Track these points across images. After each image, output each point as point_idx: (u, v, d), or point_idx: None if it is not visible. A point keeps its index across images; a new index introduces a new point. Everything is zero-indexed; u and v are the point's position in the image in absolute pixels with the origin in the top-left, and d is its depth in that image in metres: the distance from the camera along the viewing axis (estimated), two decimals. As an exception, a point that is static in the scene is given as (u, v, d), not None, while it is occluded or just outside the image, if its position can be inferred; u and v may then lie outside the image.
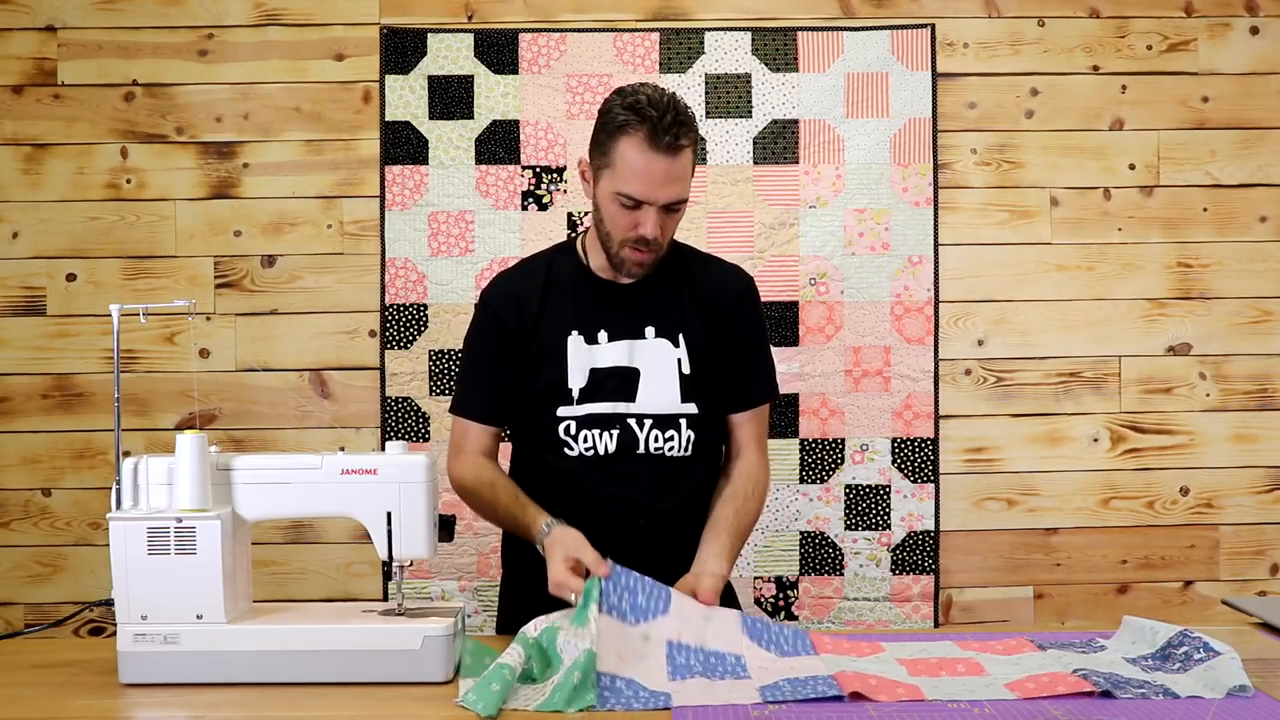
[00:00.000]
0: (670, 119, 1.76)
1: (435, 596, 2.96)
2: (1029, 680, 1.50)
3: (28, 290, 2.98)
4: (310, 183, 2.99)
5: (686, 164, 1.80)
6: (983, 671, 1.56)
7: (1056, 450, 3.04)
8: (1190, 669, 1.53)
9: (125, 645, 1.53)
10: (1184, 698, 1.44)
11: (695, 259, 2.01)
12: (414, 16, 2.99)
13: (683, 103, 1.81)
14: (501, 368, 1.93)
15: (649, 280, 1.93)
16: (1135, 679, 1.50)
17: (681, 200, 1.82)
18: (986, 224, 3.03)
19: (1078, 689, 1.46)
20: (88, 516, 2.98)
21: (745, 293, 1.98)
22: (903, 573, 2.99)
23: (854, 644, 1.68)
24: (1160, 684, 1.48)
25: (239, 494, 1.59)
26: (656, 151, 1.76)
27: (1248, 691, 1.45)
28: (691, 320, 1.93)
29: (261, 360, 2.99)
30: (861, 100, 2.99)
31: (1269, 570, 3.05)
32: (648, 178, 1.77)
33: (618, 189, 1.80)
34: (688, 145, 1.79)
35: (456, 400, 1.98)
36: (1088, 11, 3.04)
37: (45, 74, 2.97)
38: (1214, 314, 3.05)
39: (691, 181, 1.85)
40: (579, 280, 1.94)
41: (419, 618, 1.57)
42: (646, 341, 1.90)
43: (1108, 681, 1.47)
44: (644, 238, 1.81)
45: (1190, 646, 1.57)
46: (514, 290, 1.95)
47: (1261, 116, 3.05)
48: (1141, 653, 1.62)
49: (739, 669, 1.58)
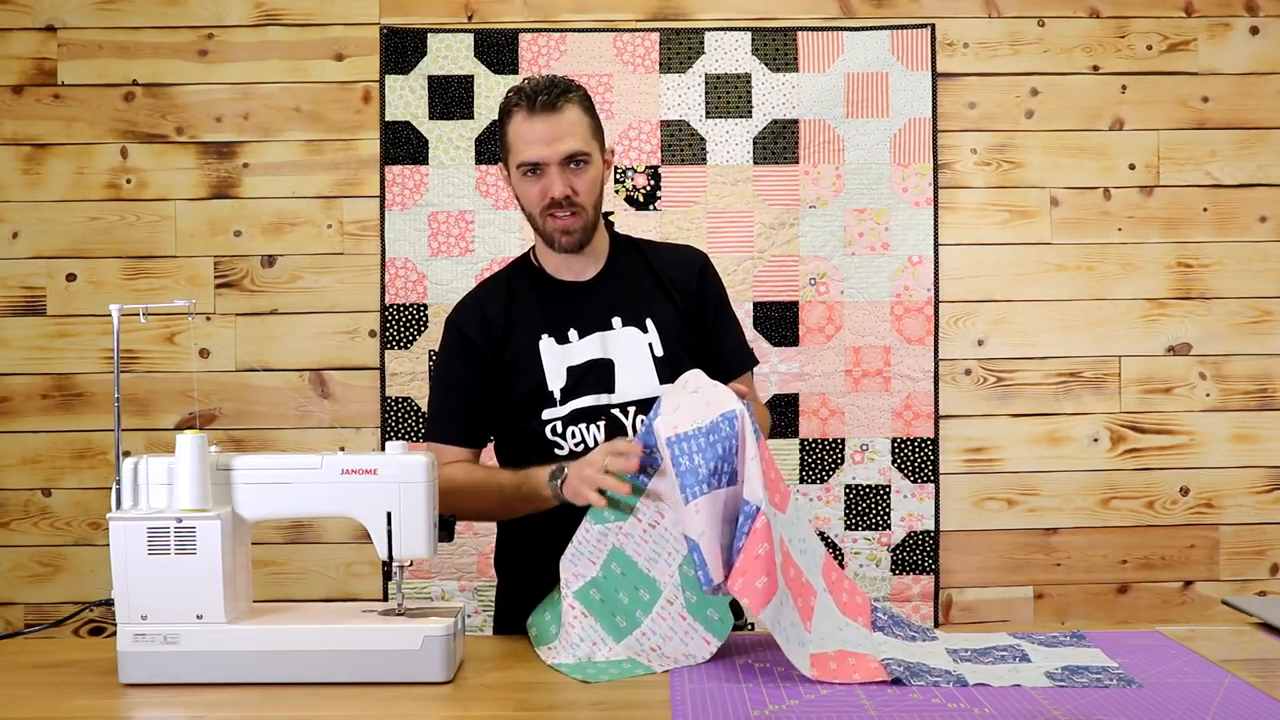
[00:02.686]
0: (544, 85, 1.85)
1: (435, 596, 2.96)
2: (833, 659, 1.53)
3: (28, 290, 2.98)
4: (310, 183, 2.99)
5: (573, 119, 1.86)
6: (809, 618, 1.57)
7: (1056, 450, 3.04)
8: (998, 664, 1.56)
9: (125, 645, 1.53)
10: (972, 685, 1.47)
11: (647, 246, 2.06)
12: (414, 16, 2.99)
13: (565, 78, 1.89)
14: (474, 387, 1.94)
15: (608, 273, 1.97)
16: (938, 668, 1.53)
17: (579, 153, 1.86)
18: (986, 224, 3.03)
19: (873, 678, 1.49)
20: (88, 516, 2.98)
21: (704, 267, 2.03)
22: (903, 573, 2.99)
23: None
24: (958, 673, 1.51)
25: (239, 494, 1.58)
26: (536, 113, 1.84)
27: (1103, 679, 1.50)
28: (658, 303, 1.95)
29: (261, 360, 2.99)
30: (861, 100, 2.99)
31: (1269, 570, 3.05)
32: (533, 139, 1.85)
33: (517, 162, 1.87)
34: (568, 103, 1.86)
35: (431, 428, 1.98)
36: (1088, 11, 3.04)
37: (45, 74, 2.98)
38: (1214, 314, 3.05)
39: (597, 143, 1.90)
40: (539, 286, 1.97)
41: (419, 618, 1.57)
42: (615, 332, 1.92)
43: (908, 670, 1.50)
44: (555, 199, 1.86)
45: (1010, 650, 1.62)
46: (477, 307, 1.97)
47: (1261, 116, 3.05)
48: (964, 645, 1.64)
49: (731, 450, 1.57)
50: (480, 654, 1.66)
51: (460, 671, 1.58)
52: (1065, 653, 1.62)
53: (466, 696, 1.50)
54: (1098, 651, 1.62)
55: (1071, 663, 1.57)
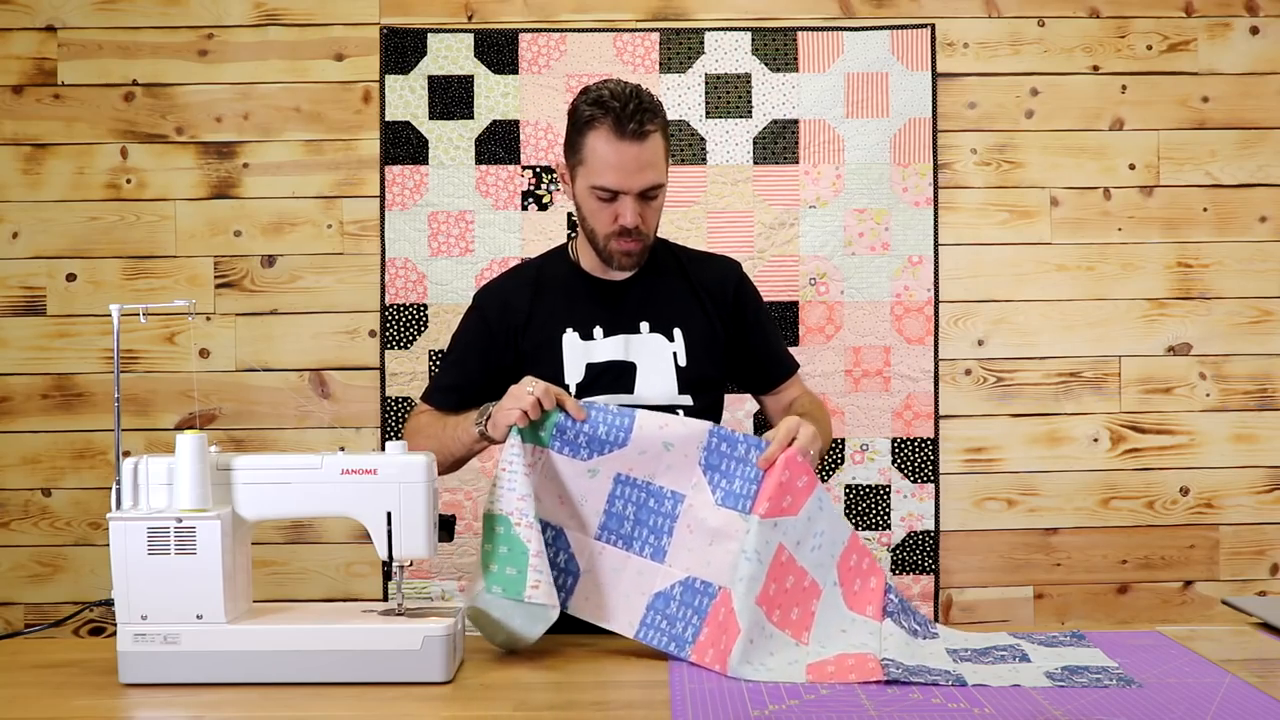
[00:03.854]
0: (633, 107, 1.81)
1: (435, 596, 2.96)
2: (831, 663, 1.54)
3: (28, 290, 2.98)
4: (310, 183, 2.99)
5: (656, 149, 1.84)
6: (808, 627, 1.60)
7: (1056, 450, 3.04)
8: (998, 664, 1.56)
9: (125, 645, 1.53)
10: (971, 685, 1.47)
11: (685, 254, 2.05)
12: (414, 16, 2.99)
13: (647, 92, 1.85)
14: (476, 367, 1.96)
15: (642, 277, 1.97)
16: (938, 668, 1.53)
17: (657, 186, 1.86)
18: (986, 224, 3.03)
19: (870, 677, 1.50)
20: (88, 516, 2.98)
21: (741, 280, 2.04)
22: (903, 573, 2.99)
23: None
24: (958, 673, 1.51)
25: (239, 494, 1.58)
26: (624, 140, 1.80)
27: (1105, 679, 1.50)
28: (690, 313, 1.96)
29: (261, 360, 2.99)
30: (861, 100, 2.99)
31: (1269, 570, 3.05)
32: (619, 167, 1.81)
33: (593, 183, 1.84)
34: (654, 130, 1.83)
35: (428, 390, 2.02)
36: (1088, 11, 3.04)
37: (45, 74, 2.98)
38: (1214, 314, 3.05)
39: (666, 168, 1.89)
40: (571, 280, 1.98)
41: (419, 618, 1.57)
42: (642, 336, 1.92)
43: (907, 672, 1.51)
44: (626, 228, 1.84)
45: (1010, 650, 1.62)
46: (503, 291, 1.99)
47: (1261, 116, 3.05)
48: (965, 645, 1.65)
49: (668, 522, 1.67)
50: (480, 654, 1.66)
51: (460, 671, 1.58)
52: (1065, 653, 1.62)
53: (466, 696, 1.50)
54: (1098, 651, 1.62)
55: (1071, 663, 1.57)
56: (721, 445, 1.68)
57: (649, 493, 1.68)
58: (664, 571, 1.67)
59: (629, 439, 1.66)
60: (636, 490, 1.68)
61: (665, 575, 1.67)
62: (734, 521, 1.65)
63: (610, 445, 1.67)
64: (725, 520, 1.66)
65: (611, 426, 1.67)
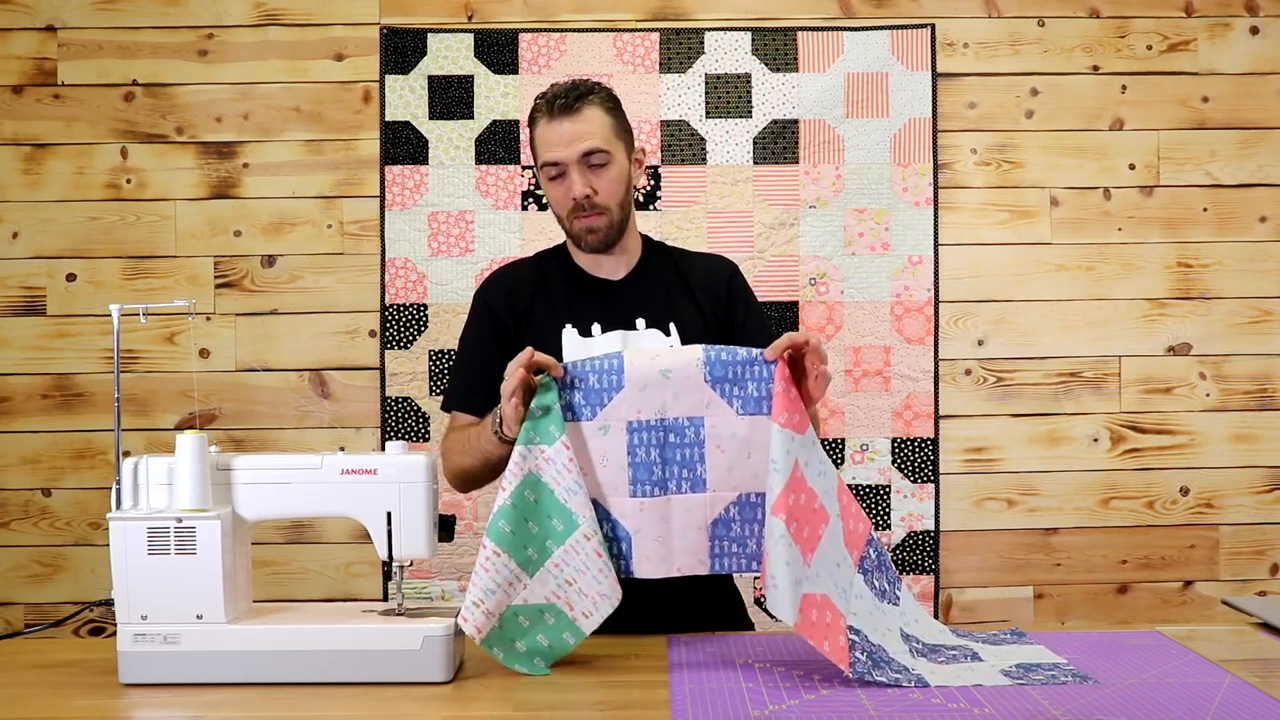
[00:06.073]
0: (565, 89, 1.89)
1: (435, 596, 2.96)
2: (816, 605, 1.52)
3: (28, 290, 2.98)
4: (310, 183, 3.00)
5: (593, 119, 1.88)
6: (813, 549, 1.56)
7: (1056, 450, 3.04)
8: (952, 664, 1.56)
9: (125, 645, 1.53)
10: (933, 686, 1.47)
11: (677, 253, 2.08)
12: (414, 16, 2.99)
13: (592, 82, 1.93)
14: (494, 358, 1.94)
15: (637, 275, 2.00)
16: (898, 663, 1.53)
17: (597, 150, 1.88)
18: (986, 224, 3.03)
19: (836, 658, 1.49)
20: (88, 516, 2.98)
21: (733, 276, 2.05)
22: (903, 572, 2.98)
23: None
24: (917, 672, 1.51)
25: (239, 494, 1.58)
26: (555, 118, 1.88)
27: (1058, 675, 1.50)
28: (684, 308, 1.97)
29: (261, 360, 2.99)
30: (861, 100, 2.99)
31: (1269, 570, 3.05)
32: (554, 141, 1.88)
33: (541, 164, 1.91)
34: (587, 104, 1.88)
35: (449, 396, 2.00)
36: (1088, 11, 3.04)
37: (45, 74, 2.98)
38: (1214, 314, 3.05)
39: (620, 140, 1.91)
40: (569, 278, 2.00)
41: (419, 618, 1.57)
42: (638, 332, 1.94)
43: (870, 660, 1.50)
44: (577, 200, 1.88)
45: (959, 650, 1.62)
46: (507, 283, 2.01)
47: (1261, 116, 3.05)
48: (917, 634, 1.63)
49: (696, 450, 1.63)
50: (480, 654, 1.66)
51: (460, 671, 1.58)
52: (1012, 650, 1.62)
53: (466, 696, 1.50)
54: (1043, 648, 1.64)
55: (1021, 660, 1.57)
56: (721, 355, 1.63)
57: (665, 429, 1.63)
58: (711, 499, 1.64)
59: (623, 379, 1.62)
60: (651, 432, 1.63)
61: (715, 501, 1.64)
62: (762, 425, 1.61)
63: (608, 391, 1.62)
64: (753, 427, 1.62)
65: (601, 372, 1.63)
